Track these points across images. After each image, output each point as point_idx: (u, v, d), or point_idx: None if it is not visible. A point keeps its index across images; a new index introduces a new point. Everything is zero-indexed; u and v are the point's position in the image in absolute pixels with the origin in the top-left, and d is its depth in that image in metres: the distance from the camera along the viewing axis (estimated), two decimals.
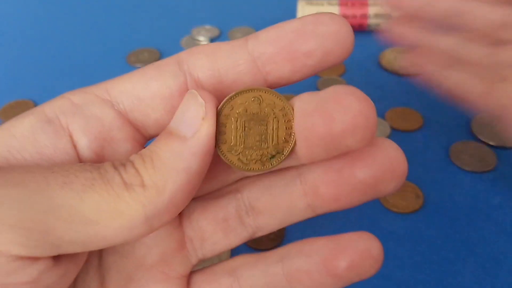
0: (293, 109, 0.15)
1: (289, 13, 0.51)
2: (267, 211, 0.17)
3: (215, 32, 0.49)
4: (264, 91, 0.15)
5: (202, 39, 0.48)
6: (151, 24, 0.51)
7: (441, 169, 0.34)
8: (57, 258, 0.14)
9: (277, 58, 0.15)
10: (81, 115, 0.15)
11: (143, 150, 0.15)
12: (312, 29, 0.14)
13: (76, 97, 0.15)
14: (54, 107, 0.15)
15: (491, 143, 0.35)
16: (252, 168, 0.16)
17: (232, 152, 0.15)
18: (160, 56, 0.46)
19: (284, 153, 0.16)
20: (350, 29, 0.14)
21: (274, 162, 0.16)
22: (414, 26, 0.32)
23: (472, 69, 0.28)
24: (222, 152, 0.15)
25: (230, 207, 0.17)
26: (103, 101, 0.15)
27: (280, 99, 0.15)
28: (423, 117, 0.38)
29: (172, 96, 0.15)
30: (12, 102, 0.41)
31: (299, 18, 0.15)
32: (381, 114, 0.38)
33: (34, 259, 0.13)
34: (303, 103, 0.15)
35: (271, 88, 0.16)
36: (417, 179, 0.33)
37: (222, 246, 0.17)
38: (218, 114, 0.15)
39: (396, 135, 0.37)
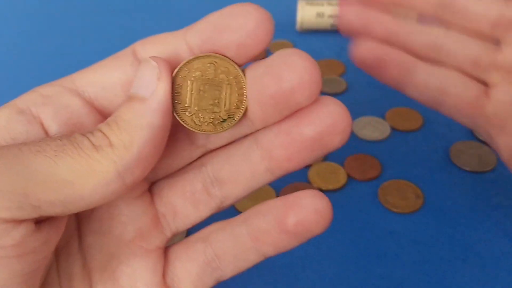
0: (245, 77, 0.16)
1: (289, 13, 0.51)
2: (230, 180, 0.18)
3: None
4: (220, 58, 0.16)
5: None
6: (151, 24, 0.51)
7: (441, 169, 0.34)
8: (38, 224, 0.15)
9: (203, 49, 0.16)
10: (50, 105, 0.16)
11: (108, 118, 0.16)
12: (227, 22, 0.15)
13: (45, 89, 0.17)
14: (25, 100, 0.16)
15: None
16: (203, 130, 0.16)
17: (186, 113, 0.16)
18: None
19: (235, 118, 0.16)
20: (263, 20, 0.15)
21: (225, 126, 0.16)
22: (382, 11, 0.26)
23: (457, 68, 0.25)
24: (177, 112, 0.16)
25: (196, 181, 0.18)
26: (70, 91, 0.17)
27: (234, 67, 0.16)
28: (423, 117, 0.38)
29: (131, 82, 0.16)
30: None
31: (220, 10, 0.16)
32: (381, 114, 0.38)
33: (17, 222, 0.14)
34: (253, 70, 0.16)
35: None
36: (417, 179, 0.33)
37: (193, 218, 0.18)
38: (175, 76, 0.16)
39: (396, 135, 0.37)
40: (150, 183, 0.18)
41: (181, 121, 0.16)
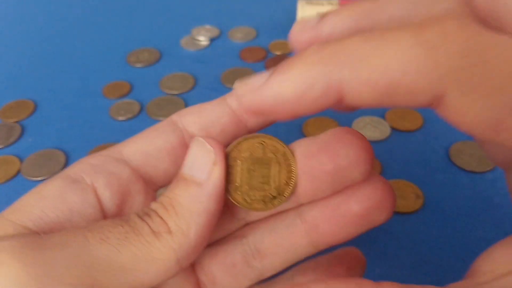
0: (293, 154, 0.17)
1: (289, 13, 0.51)
2: (271, 252, 0.18)
3: (215, 32, 0.49)
4: (267, 138, 0.17)
5: (202, 39, 0.48)
6: (151, 24, 0.51)
7: (441, 169, 0.34)
8: None
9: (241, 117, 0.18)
10: (102, 173, 0.17)
11: (161, 198, 0.16)
12: None
13: (94, 159, 0.17)
14: (76, 170, 0.17)
15: None
16: (255, 208, 0.17)
17: (238, 192, 0.17)
18: (160, 56, 0.46)
19: (285, 195, 0.17)
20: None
21: (276, 203, 0.17)
22: None
23: None
24: (229, 192, 0.17)
25: (236, 252, 0.18)
26: (118, 160, 0.17)
27: (281, 145, 0.17)
28: (423, 117, 0.38)
29: (175, 148, 0.18)
30: (12, 102, 0.41)
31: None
32: (381, 114, 0.38)
33: None
34: (304, 147, 0.17)
35: (258, 132, 0.17)
36: (417, 179, 0.33)
37: (231, 287, 0.18)
38: (226, 157, 0.16)
39: (396, 135, 0.37)
40: None
41: (233, 201, 0.17)
